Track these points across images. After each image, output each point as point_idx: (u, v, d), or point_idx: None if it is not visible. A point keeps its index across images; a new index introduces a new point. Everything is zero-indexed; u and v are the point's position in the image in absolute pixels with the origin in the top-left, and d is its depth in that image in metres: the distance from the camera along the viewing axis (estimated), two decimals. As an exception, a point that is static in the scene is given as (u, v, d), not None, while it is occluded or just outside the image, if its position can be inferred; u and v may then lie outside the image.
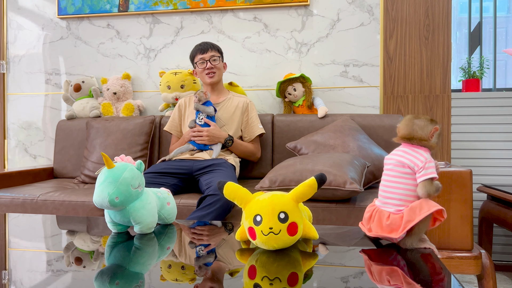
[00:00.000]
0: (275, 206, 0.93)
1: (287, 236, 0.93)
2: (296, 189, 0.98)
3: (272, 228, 0.92)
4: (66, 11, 2.85)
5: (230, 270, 0.86)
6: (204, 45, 2.24)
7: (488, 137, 2.48)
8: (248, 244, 1.04)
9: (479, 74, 2.61)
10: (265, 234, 0.92)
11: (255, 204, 0.96)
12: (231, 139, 2.14)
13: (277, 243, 0.93)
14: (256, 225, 0.94)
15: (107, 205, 1.02)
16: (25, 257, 1.00)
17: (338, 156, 1.83)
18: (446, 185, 1.68)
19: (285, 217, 0.93)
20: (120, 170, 1.04)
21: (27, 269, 0.92)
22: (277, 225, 0.92)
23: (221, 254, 0.97)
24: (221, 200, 1.70)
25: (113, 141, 2.42)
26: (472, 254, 1.65)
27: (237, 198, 0.99)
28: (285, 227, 0.93)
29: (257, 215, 0.94)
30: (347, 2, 2.57)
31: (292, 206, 0.95)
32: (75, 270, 0.91)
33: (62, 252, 1.03)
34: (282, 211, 0.93)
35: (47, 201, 1.98)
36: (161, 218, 1.19)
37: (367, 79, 2.56)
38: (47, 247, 1.08)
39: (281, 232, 0.92)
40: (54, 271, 0.91)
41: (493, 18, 2.74)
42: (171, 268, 0.88)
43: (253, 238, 0.95)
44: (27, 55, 2.97)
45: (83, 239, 1.13)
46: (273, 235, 0.92)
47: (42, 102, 2.94)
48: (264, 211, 0.93)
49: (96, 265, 0.94)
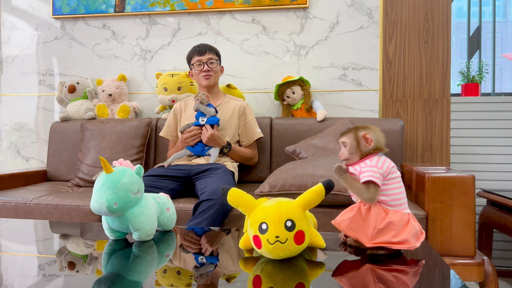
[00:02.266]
0: (282, 213, 0.90)
1: (294, 245, 0.90)
2: (303, 195, 0.94)
3: (278, 237, 0.88)
4: (61, 11, 2.80)
5: (230, 278, 0.83)
6: (202, 47, 2.20)
7: (487, 141, 2.46)
8: (252, 252, 1.00)
9: (478, 78, 2.60)
10: (271, 243, 0.88)
11: (260, 211, 0.93)
12: (229, 147, 2.10)
13: (283, 252, 0.90)
14: (261, 234, 0.90)
15: (105, 211, 0.98)
16: (16, 262, 0.96)
17: (339, 160, 1.80)
18: (448, 191, 1.65)
19: (292, 225, 0.90)
20: (118, 175, 1.00)
21: (19, 273, 0.88)
22: (284, 233, 0.89)
23: (223, 263, 0.94)
24: (216, 204, 1.66)
25: (108, 144, 2.38)
26: (475, 261, 1.62)
27: (241, 205, 0.95)
28: (292, 235, 0.89)
29: (262, 223, 0.91)
30: (346, 5, 2.55)
31: (299, 214, 0.91)
32: (67, 275, 0.87)
33: (55, 257, 0.99)
34: (289, 219, 0.90)
35: (40, 205, 1.93)
36: (160, 224, 1.15)
37: (366, 83, 2.54)
38: (40, 251, 1.04)
39: (288, 241, 0.89)
40: (46, 276, 0.87)
41: (492, 23, 2.73)
42: (170, 277, 0.85)
43: (258, 247, 0.92)
44: (20, 55, 2.91)
45: (76, 243, 1.08)
46: (279, 244, 0.88)
47: (35, 103, 2.89)
48: (270, 218, 0.90)
49: (89, 270, 0.90)
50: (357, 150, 1.02)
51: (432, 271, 0.87)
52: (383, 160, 1.00)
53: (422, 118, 2.47)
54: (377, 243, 0.95)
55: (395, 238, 0.94)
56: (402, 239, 0.94)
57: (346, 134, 1.05)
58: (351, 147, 1.03)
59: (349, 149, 1.03)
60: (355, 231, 0.96)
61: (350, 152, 1.02)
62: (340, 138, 1.05)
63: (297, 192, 1.69)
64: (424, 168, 1.82)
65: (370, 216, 0.96)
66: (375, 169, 0.97)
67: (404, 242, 0.94)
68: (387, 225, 0.95)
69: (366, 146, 1.01)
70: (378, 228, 0.94)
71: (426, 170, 1.77)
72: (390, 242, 0.95)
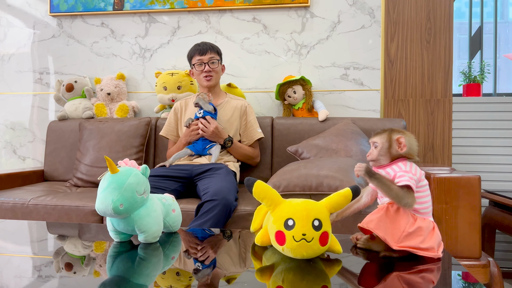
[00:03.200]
0: (310, 212, 0.88)
1: (318, 246, 0.88)
2: (330, 197, 0.93)
3: (305, 235, 0.86)
4: (59, 9, 2.76)
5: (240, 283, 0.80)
6: (203, 46, 2.16)
7: (489, 142, 2.46)
8: (263, 250, 0.97)
9: (480, 78, 2.59)
10: (297, 240, 0.86)
11: (287, 207, 0.90)
12: (231, 140, 2.07)
13: (306, 252, 0.87)
14: (287, 230, 0.88)
15: (110, 212, 0.95)
16: (12, 263, 0.93)
17: (343, 160, 1.78)
18: (453, 192, 1.64)
19: (319, 225, 0.88)
20: (124, 175, 0.97)
21: (14, 274, 0.85)
22: (311, 232, 0.87)
23: (229, 265, 0.91)
24: (220, 205, 1.63)
25: (107, 143, 2.34)
26: (481, 263, 1.60)
27: (266, 198, 0.93)
28: (318, 235, 0.87)
29: (289, 219, 0.88)
30: (348, 4, 2.53)
31: (326, 215, 0.90)
32: (65, 276, 0.85)
33: (52, 258, 0.96)
34: (316, 218, 0.88)
35: (38, 206, 1.89)
36: (166, 226, 1.12)
37: (368, 82, 2.52)
38: (37, 252, 1.01)
39: (313, 240, 0.87)
40: (43, 277, 0.84)
41: (494, 23, 2.73)
42: (178, 280, 0.82)
43: (280, 243, 0.89)
44: (17, 53, 2.87)
45: (74, 244, 1.05)
46: (304, 243, 0.86)
47: (31, 102, 2.84)
48: (298, 216, 0.87)
49: (87, 271, 0.87)
50: (387, 152, 0.99)
51: (457, 281, 0.86)
52: (415, 167, 0.98)
53: (424, 118, 2.46)
54: (403, 246, 0.92)
55: (422, 244, 0.92)
56: (429, 246, 0.92)
57: (380, 134, 1.01)
58: (382, 148, 0.99)
59: (380, 150, 0.99)
60: (383, 231, 0.93)
61: (380, 154, 0.99)
62: (372, 138, 1.02)
63: (301, 193, 1.67)
64: (428, 169, 1.80)
65: (399, 218, 0.93)
66: (411, 175, 0.94)
67: (430, 250, 0.92)
68: (416, 230, 0.92)
69: (397, 150, 0.98)
70: (408, 232, 0.91)
71: (430, 170, 1.76)
72: (417, 248, 0.92)
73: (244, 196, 1.92)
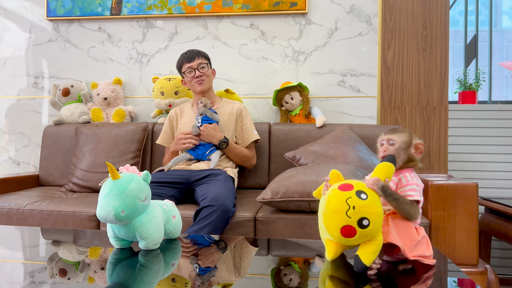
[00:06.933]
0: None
1: (366, 233, 0.87)
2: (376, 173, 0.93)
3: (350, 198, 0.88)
4: (56, 13, 2.75)
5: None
6: (190, 53, 2.17)
7: (484, 149, 2.47)
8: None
9: (475, 86, 2.62)
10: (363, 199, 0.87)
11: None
12: (226, 141, 2.07)
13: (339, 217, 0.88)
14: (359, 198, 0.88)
15: (112, 219, 0.94)
16: (5, 268, 0.91)
17: (341, 167, 1.79)
18: (451, 199, 1.65)
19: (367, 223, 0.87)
20: (126, 181, 0.97)
21: (7, 280, 0.84)
22: (358, 202, 0.88)
23: (228, 273, 0.90)
24: (218, 211, 1.62)
25: (103, 148, 2.33)
26: (478, 270, 1.61)
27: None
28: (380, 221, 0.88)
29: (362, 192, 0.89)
30: (345, 12, 2.55)
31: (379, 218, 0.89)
32: (58, 282, 0.84)
33: (46, 263, 0.95)
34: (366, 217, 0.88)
35: (34, 211, 1.87)
36: (166, 232, 1.12)
37: (365, 89, 2.54)
38: (31, 258, 0.99)
39: (352, 214, 0.86)
40: (36, 283, 0.83)
41: (489, 32, 2.76)
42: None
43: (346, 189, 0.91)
44: (12, 57, 2.85)
45: (68, 250, 1.04)
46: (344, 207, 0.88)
47: (27, 106, 2.82)
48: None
49: (81, 277, 0.87)
50: (402, 153, 0.97)
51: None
52: (417, 177, 0.98)
53: (420, 125, 2.48)
54: (415, 256, 0.91)
55: (427, 252, 0.92)
56: (430, 254, 0.92)
57: (399, 132, 0.99)
58: (399, 147, 0.97)
59: (397, 149, 0.97)
60: (398, 242, 0.90)
61: (397, 152, 0.97)
62: (389, 135, 0.99)
63: (300, 199, 1.67)
64: (425, 176, 1.81)
65: (403, 228, 0.92)
66: (420, 188, 0.94)
67: (431, 257, 0.92)
68: (422, 239, 0.92)
69: (413, 154, 0.98)
70: (418, 240, 0.91)
71: (428, 177, 1.76)
72: (424, 256, 0.92)
73: (242, 202, 1.91)
